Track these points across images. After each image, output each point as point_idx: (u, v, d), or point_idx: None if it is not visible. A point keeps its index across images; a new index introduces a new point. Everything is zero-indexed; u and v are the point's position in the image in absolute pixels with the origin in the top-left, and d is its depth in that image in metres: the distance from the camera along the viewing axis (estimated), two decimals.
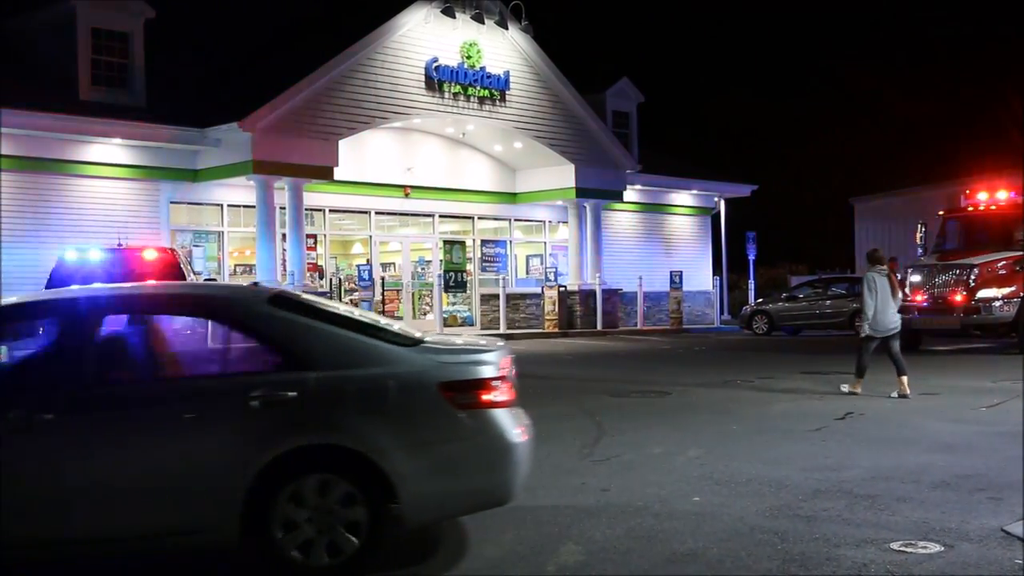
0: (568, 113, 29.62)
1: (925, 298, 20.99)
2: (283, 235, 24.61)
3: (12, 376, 6.05)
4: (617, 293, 31.17)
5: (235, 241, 25.73)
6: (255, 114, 22.89)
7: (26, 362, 6.06)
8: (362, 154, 26.76)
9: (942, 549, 5.96)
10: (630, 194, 32.52)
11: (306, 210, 25.06)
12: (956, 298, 20.56)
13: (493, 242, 31.13)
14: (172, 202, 24.15)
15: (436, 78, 26.21)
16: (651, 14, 69.87)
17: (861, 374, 13.37)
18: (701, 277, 35.49)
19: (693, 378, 15.64)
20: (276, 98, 23.29)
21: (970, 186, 24.17)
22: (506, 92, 27.80)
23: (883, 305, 13.21)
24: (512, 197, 31.06)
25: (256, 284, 6.83)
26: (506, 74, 27.72)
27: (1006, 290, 20.29)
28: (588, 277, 30.38)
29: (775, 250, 49.18)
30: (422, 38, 26.04)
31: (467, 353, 5.90)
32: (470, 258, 30.23)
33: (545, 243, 32.42)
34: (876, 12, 62.83)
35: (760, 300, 32.34)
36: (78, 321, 5.72)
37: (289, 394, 5.47)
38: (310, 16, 29.15)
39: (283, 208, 24.42)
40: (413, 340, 5.87)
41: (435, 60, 26.14)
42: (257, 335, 5.81)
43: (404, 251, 29.50)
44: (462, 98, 26.87)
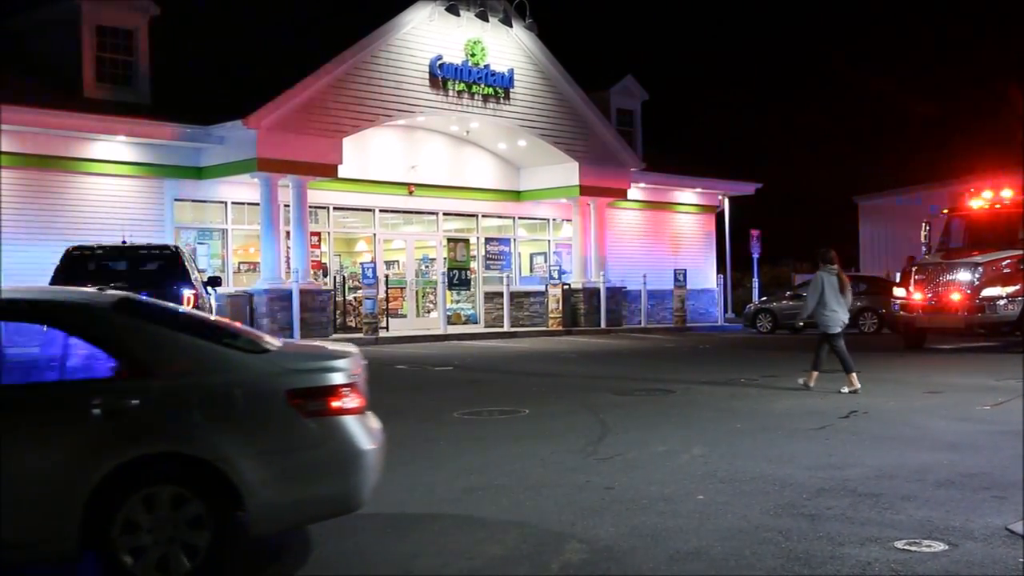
0: (572, 111, 29.61)
1: (929, 297, 20.98)
2: (287, 233, 24.64)
3: None
4: (621, 291, 31.17)
5: (239, 239, 25.75)
6: (259, 111, 22.91)
7: None
8: (366, 152, 26.78)
9: (946, 548, 5.96)
10: (634, 192, 32.51)
11: (310, 208, 25.09)
12: (960, 297, 20.54)
13: (497, 240, 31.13)
14: (176, 199, 24.17)
15: (440, 76, 26.21)
16: (655, 12, 69.82)
17: (816, 368, 13.87)
18: (705, 275, 35.49)
19: (697, 376, 15.64)
20: (280, 96, 23.31)
21: (975, 185, 24.15)
22: (510, 90, 27.79)
23: (832, 303, 13.71)
24: (516, 195, 31.06)
25: (101, 289, 6.59)
26: (510, 72, 27.72)
27: (1010, 289, 20.27)
28: (592, 275, 30.38)
29: (779, 248, 49.09)
30: (426, 36, 26.04)
31: (317, 360, 5.79)
32: (474, 256, 30.24)
33: (549, 241, 32.42)
34: (879, 11, 62.73)
35: (764, 298, 32.31)
36: None
37: (132, 402, 5.33)
38: (315, 14, 29.16)
39: (287, 206, 24.44)
40: (262, 347, 5.79)
41: (439, 58, 26.15)
42: (100, 341, 5.58)
43: (408, 249, 29.51)
44: (466, 96, 26.88)
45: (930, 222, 23.40)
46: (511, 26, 27.69)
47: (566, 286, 29.75)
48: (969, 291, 20.48)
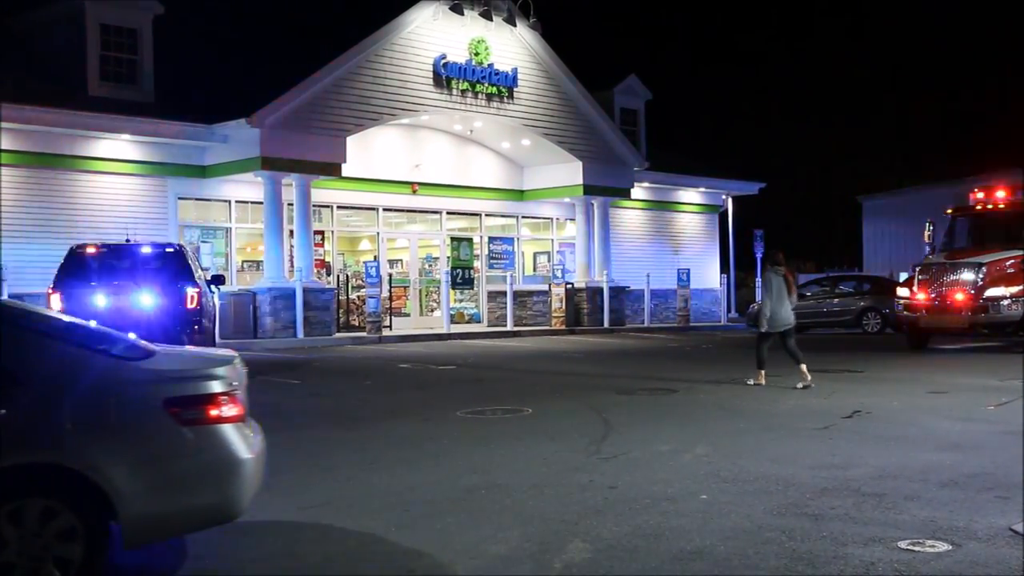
0: (576, 110, 29.60)
1: (933, 297, 20.95)
2: (291, 231, 24.65)
3: None
4: (624, 291, 31.16)
5: (243, 237, 25.77)
6: (263, 110, 22.93)
7: None
8: (370, 151, 26.78)
9: (950, 548, 5.95)
10: (638, 192, 32.51)
11: (314, 206, 25.09)
12: (964, 297, 20.51)
13: (500, 239, 31.14)
14: (180, 198, 24.19)
15: (444, 75, 26.21)
16: (659, 12, 69.77)
17: (761, 366, 14.40)
18: (708, 275, 35.48)
19: (700, 376, 15.63)
20: (284, 94, 23.33)
21: (978, 184, 24.10)
22: (514, 89, 27.79)
23: (778, 303, 14.40)
24: (519, 194, 31.06)
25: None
26: (514, 71, 27.71)
27: (1014, 289, 20.22)
28: (595, 274, 30.37)
29: (783, 248, 49.12)
30: (430, 35, 26.04)
31: (195, 368, 5.68)
32: (477, 255, 30.23)
33: (552, 240, 32.42)
34: (883, 11, 62.66)
35: None
36: None
37: None
38: (318, 12, 29.17)
39: (291, 204, 24.45)
40: (138, 353, 5.64)
41: (443, 57, 26.15)
42: None
43: (411, 248, 29.52)
44: (470, 95, 26.87)
45: (934, 222, 23.36)
46: (515, 25, 27.69)
47: (569, 285, 29.74)
48: (973, 291, 20.45)
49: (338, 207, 27.24)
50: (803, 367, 14.07)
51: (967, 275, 20.74)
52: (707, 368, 15.86)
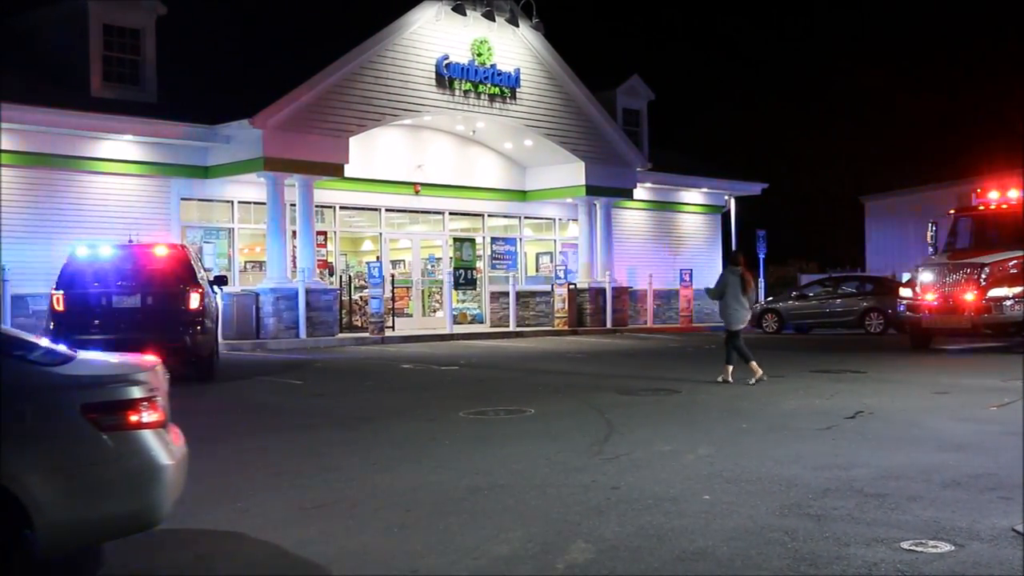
0: (578, 111, 29.60)
1: (936, 297, 20.94)
2: (293, 232, 24.67)
3: None
4: (627, 291, 31.17)
5: (245, 238, 25.79)
6: (266, 111, 22.95)
7: None
8: (372, 151, 26.80)
9: (952, 548, 5.94)
10: (640, 192, 32.51)
11: (316, 207, 25.12)
12: (967, 297, 20.49)
13: (503, 240, 31.14)
14: (183, 199, 24.22)
15: (447, 75, 26.22)
16: (662, 12, 69.76)
17: (728, 362, 14.82)
18: (711, 275, 35.28)
19: (702, 376, 15.62)
20: (287, 95, 23.34)
21: (981, 184, 24.09)
22: (516, 89, 27.80)
23: (735, 302, 14.81)
24: (522, 195, 31.06)
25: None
26: (516, 71, 27.72)
27: (1017, 289, 20.21)
28: (598, 275, 30.38)
29: (785, 248, 49.12)
30: (433, 35, 26.05)
31: (114, 373, 5.57)
32: (480, 255, 30.25)
33: (555, 241, 32.42)
34: (887, 10, 62.63)
35: (770, 298, 32.32)
36: None
37: None
38: (321, 13, 29.18)
39: (293, 205, 24.47)
40: (56, 358, 5.50)
41: (446, 57, 26.16)
42: None
43: (414, 248, 29.53)
44: (472, 95, 26.88)
45: (936, 222, 23.35)
46: (517, 26, 27.70)
47: (572, 286, 29.74)
48: (975, 291, 20.44)
49: (341, 207, 27.26)
50: (753, 363, 14.66)
51: (970, 275, 20.73)
52: (710, 369, 15.85)
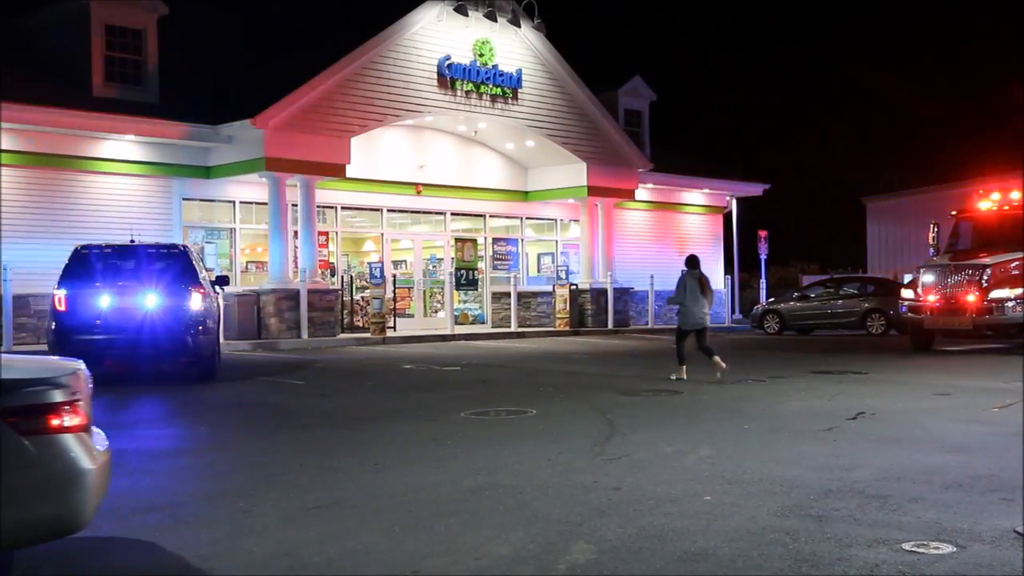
0: (580, 111, 29.61)
1: (938, 298, 20.93)
2: (295, 232, 24.68)
3: None
4: (628, 292, 31.16)
5: (247, 238, 25.80)
6: (268, 111, 22.96)
7: None
8: (374, 152, 26.81)
9: (954, 550, 5.94)
10: (642, 193, 32.51)
11: (318, 207, 25.13)
12: (968, 298, 20.49)
13: (505, 240, 31.15)
14: (184, 199, 24.24)
15: (448, 76, 26.23)
16: (664, 12, 69.76)
17: (682, 362, 15.54)
18: (713, 276, 35.28)
19: (704, 377, 15.62)
20: (289, 95, 23.36)
21: (983, 186, 24.09)
22: (518, 90, 27.81)
23: (692, 303, 15.58)
24: (524, 195, 31.07)
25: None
26: (518, 72, 27.72)
27: (1019, 290, 20.20)
28: (599, 276, 30.38)
29: (787, 249, 49.12)
30: (434, 36, 26.06)
31: (35, 375, 5.41)
32: (481, 256, 30.26)
33: (556, 241, 32.43)
34: (889, 11, 62.62)
35: (771, 299, 32.32)
36: None
37: None
38: (323, 13, 29.20)
39: (295, 205, 24.49)
40: None
41: (447, 58, 26.17)
42: None
43: (416, 249, 29.54)
44: (474, 96, 26.89)
45: (938, 224, 23.34)
46: (519, 26, 27.70)
47: (573, 286, 29.75)
48: (977, 293, 20.43)
49: (342, 208, 27.27)
50: (716, 358, 15.28)
51: (971, 277, 20.72)
52: (710, 369, 15.84)
